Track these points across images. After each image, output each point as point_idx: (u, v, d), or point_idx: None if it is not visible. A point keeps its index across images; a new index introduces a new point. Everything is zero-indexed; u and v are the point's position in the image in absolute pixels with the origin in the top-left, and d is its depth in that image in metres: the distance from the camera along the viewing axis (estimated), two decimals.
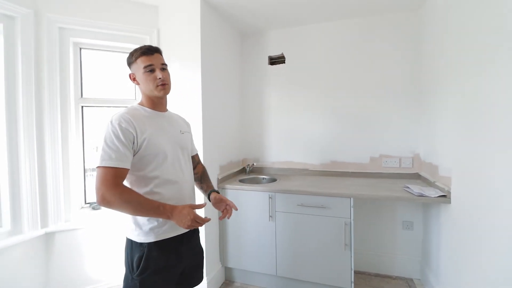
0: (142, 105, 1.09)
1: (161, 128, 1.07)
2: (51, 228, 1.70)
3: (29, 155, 1.63)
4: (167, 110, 1.17)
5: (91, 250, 1.82)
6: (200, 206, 1.04)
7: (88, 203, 1.90)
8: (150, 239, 0.99)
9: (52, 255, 1.72)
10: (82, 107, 1.86)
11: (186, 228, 0.97)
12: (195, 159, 1.35)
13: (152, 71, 1.03)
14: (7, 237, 1.55)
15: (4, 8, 1.52)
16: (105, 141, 0.93)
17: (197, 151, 1.38)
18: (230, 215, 1.20)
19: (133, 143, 0.96)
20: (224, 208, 1.19)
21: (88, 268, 1.82)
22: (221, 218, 1.21)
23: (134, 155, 0.97)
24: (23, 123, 1.60)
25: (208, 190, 1.28)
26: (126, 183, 1.00)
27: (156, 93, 1.05)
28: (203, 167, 1.38)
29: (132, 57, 1.05)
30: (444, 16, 1.62)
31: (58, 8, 1.71)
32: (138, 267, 0.98)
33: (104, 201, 0.89)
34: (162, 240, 1.01)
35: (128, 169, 0.95)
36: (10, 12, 1.55)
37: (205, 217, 1.00)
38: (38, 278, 1.67)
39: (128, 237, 1.04)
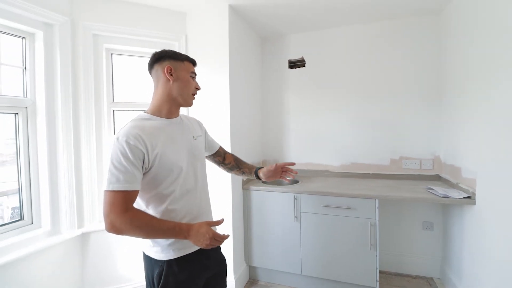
0: (152, 113, 1.00)
1: (173, 138, 0.99)
2: (87, 228, 1.76)
3: (67, 158, 1.69)
4: (179, 115, 1.09)
5: (123, 249, 1.88)
6: (218, 223, 0.97)
7: None
8: (169, 256, 0.94)
9: (87, 254, 1.78)
10: (113, 111, 1.91)
11: (204, 248, 0.90)
12: (220, 152, 1.31)
13: (193, 79, 1.07)
14: (47, 237, 1.61)
15: (44, 16, 1.58)
16: (112, 162, 0.85)
17: (219, 145, 1.32)
18: (292, 173, 1.31)
19: (143, 161, 0.88)
20: (280, 174, 1.28)
21: (120, 267, 1.88)
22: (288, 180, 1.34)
23: (145, 173, 0.90)
24: (61, 127, 1.67)
25: (252, 170, 1.31)
26: (142, 202, 0.95)
27: (189, 100, 1.04)
28: (233, 155, 1.37)
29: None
30: (468, 19, 1.66)
31: (93, 16, 1.77)
32: (158, 283, 0.93)
33: (114, 228, 0.82)
34: (182, 256, 0.96)
35: (138, 191, 0.88)
36: (49, 20, 1.61)
37: (224, 234, 0.94)
38: (75, 277, 1.73)
39: (146, 253, 0.99)
